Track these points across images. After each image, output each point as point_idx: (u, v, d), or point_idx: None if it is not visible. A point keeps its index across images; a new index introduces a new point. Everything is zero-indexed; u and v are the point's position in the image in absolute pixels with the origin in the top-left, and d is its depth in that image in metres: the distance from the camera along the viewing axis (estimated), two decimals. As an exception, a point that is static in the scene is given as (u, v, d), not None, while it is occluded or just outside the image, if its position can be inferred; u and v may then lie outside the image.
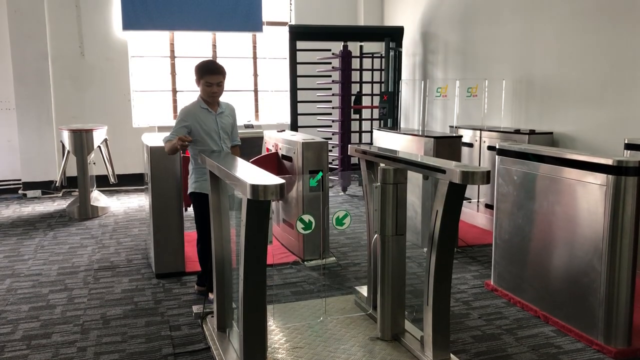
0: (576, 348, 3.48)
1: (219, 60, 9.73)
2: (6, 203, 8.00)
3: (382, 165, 3.42)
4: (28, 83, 8.35)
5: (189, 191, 4.13)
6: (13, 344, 3.56)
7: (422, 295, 3.13)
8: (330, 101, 8.61)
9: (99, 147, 7.54)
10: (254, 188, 2.38)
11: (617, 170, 3.33)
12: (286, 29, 8.45)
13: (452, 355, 3.12)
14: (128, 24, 8.83)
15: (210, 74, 3.96)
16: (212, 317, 3.67)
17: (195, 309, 3.92)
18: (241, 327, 2.73)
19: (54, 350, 3.47)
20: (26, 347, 3.52)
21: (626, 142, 4.58)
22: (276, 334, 3.55)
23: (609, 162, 3.38)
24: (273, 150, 5.92)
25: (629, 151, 4.54)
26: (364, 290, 4.00)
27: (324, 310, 3.90)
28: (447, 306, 3.08)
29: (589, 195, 3.52)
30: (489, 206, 6.22)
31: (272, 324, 3.66)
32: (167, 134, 4.08)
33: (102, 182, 8.14)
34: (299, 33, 8.25)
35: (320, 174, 5.05)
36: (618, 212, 3.35)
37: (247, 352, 2.73)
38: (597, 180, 3.45)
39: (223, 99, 4.20)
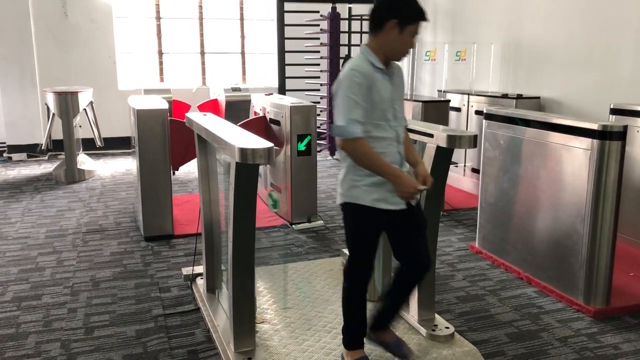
0: (557, 308, 3.58)
1: (205, 23, 9.58)
2: (-9, 166, 7.93)
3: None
4: (9, 43, 8.18)
5: (340, 201, 2.64)
6: (3, 305, 3.59)
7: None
8: (319, 64, 8.53)
9: (84, 109, 7.45)
10: (243, 151, 2.38)
11: (602, 135, 3.38)
12: (274, -11, 8.29)
13: (436, 315, 3.20)
14: (112, -17, 8.63)
15: (423, 19, 2.52)
16: (202, 279, 3.72)
17: (185, 271, 3.96)
18: (230, 288, 2.77)
19: (45, 311, 3.51)
20: (17, 308, 3.55)
21: (612, 107, 4.62)
22: (264, 295, 3.60)
23: (594, 126, 3.41)
24: (261, 114, 5.89)
25: (614, 116, 4.59)
26: (351, 252, 4.05)
27: (311, 272, 3.96)
28: (432, 268, 3.14)
29: (574, 160, 3.57)
30: (475, 170, 6.27)
31: (260, 286, 3.72)
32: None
33: (89, 145, 8.07)
34: (286, -6, 8.11)
35: (309, 138, 5.07)
36: (602, 176, 3.41)
37: (237, 313, 2.78)
38: (582, 144, 3.49)
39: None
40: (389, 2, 2.50)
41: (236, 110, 7.22)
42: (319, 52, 8.58)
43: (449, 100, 5.92)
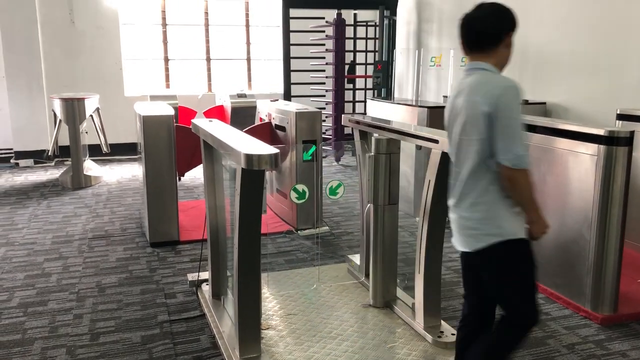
0: (564, 315, 3.56)
1: (211, 29, 9.63)
2: (-2, 172, 7.97)
3: (375, 135, 3.44)
4: (17, 50, 8.23)
5: (487, 243, 2.32)
6: (10, 311, 3.60)
7: (414, 264, 3.18)
8: (324, 70, 8.55)
9: (91, 116, 7.49)
10: (248, 157, 2.39)
11: (608, 141, 3.36)
12: (279, -4, 8.33)
13: (442, 322, 3.18)
14: (118, -9, 8.68)
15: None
16: (207, 285, 3.72)
17: (190, 277, 3.96)
18: (236, 294, 2.77)
19: (51, 317, 3.51)
20: (23, 314, 3.56)
21: (618, 112, 4.60)
22: (270, 301, 3.60)
23: (601, 132, 3.40)
24: (266, 120, 5.90)
25: (620, 122, 4.57)
26: (356, 258, 4.05)
27: (317, 278, 3.96)
28: (438, 274, 3.13)
29: (580, 165, 3.55)
30: (481, 176, 6.24)
31: (266, 292, 3.72)
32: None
33: (95, 151, 8.10)
34: (292, 0, 8.14)
35: (314, 147, 5.08)
36: (608, 182, 3.39)
37: (242, 319, 2.77)
38: (588, 150, 3.48)
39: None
40: (500, 14, 2.33)
41: (242, 116, 7.23)
42: (324, 58, 8.60)
43: (455, 106, 5.91)
